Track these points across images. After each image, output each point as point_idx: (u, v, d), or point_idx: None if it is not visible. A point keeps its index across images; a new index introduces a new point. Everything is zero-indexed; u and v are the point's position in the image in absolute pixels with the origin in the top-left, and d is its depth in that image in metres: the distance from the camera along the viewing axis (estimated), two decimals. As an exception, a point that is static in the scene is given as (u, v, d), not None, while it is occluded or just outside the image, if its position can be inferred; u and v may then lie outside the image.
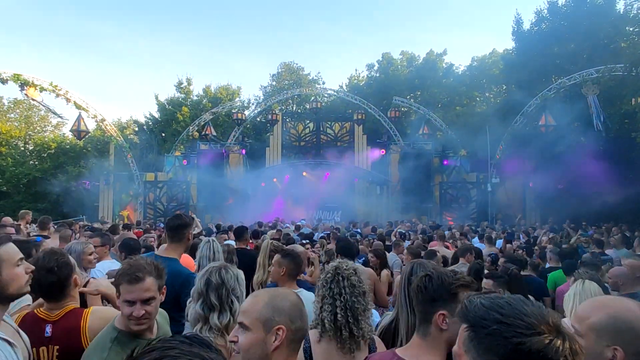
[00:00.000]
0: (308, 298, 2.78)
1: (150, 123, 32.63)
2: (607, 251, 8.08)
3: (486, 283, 3.72)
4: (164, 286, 2.08)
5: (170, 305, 2.91)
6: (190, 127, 25.60)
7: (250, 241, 7.17)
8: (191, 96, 33.93)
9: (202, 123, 25.38)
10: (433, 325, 1.65)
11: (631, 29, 18.00)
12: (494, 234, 11.52)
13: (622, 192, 16.33)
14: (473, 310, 0.99)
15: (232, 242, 6.65)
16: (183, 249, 3.18)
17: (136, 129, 34.55)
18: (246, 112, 27.51)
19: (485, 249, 8.17)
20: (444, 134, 24.49)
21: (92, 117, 21.27)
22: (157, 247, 5.42)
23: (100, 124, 22.01)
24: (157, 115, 32.48)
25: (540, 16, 23.41)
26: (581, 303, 2.78)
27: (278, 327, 1.40)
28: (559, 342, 0.89)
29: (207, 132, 23.81)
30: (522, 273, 5.63)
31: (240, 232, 5.68)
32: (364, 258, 6.36)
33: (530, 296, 2.61)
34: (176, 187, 22.34)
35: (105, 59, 76.43)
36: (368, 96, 26.47)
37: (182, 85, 33.67)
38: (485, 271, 4.67)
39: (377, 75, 32.18)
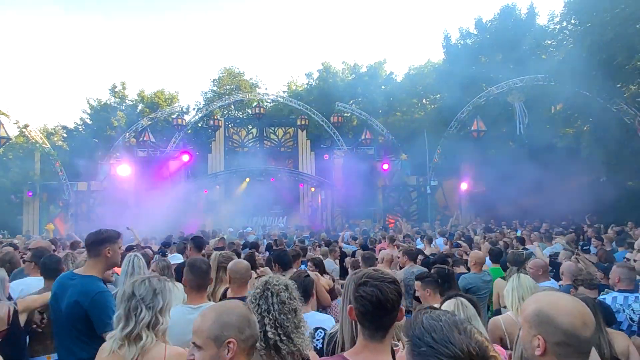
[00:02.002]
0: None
1: (82, 129, 30.60)
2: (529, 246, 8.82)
3: (415, 284, 3.91)
4: None
5: (80, 327, 2.69)
6: (127, 134, 24.32)
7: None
8: (126, 100, 32.28)
9: (140, 129, 24.21)
10: (393, 329, 1.74)
11: (549, 42, 19.74)
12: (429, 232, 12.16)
13: (543, 192, 17.79)
14: (413, 327, 1.10)
15: (179, 255, 6.37)
16: (103, 265, 2.96)
17: (65, 135, 32.21)
18: (186, 118, 26.65)
19: (426, 250, 8.57)
20: (385, 139, 25.28)
21: (13, 123, 19.59)
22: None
23: (24, 129, 20.31)
24: (89, 120, 30.54)
25: (464, 33, 25.35)
26: (519, 295, 3.01)
27: (229, 341, 1.51)
28: None
29: (145, 139, 22.73)
30: (461, 271, 5.99)
31: (198, 243, 5.38)
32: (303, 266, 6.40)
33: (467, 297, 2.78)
34: (112, 197, 21.05)
35: (28, 60, 70.75)
36: (309, 102, 26.69)
37: (116, 89, 31.94)
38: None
39: (317, 83, 32.56)
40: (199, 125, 29.11)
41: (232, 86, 33.83)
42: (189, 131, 27.06)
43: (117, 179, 21.41)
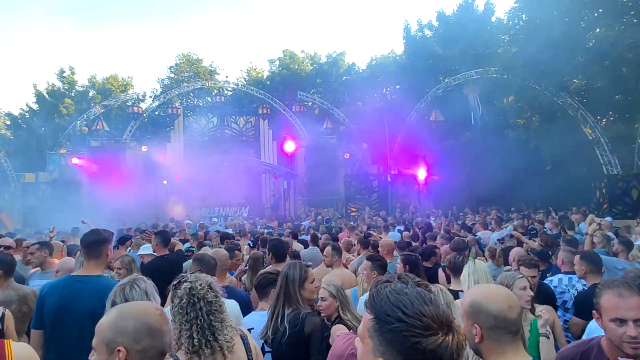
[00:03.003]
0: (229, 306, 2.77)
1: (28, 116, 28.79)
2: (480, 233, 9.33)
3: (365, 264, 4.12)
4: None
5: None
6: (78, 122, 23.14)
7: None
8: (76, 86, 30.65)
9: (92, 117, 23.12)
10: None
11: (503, 36, 20.58)
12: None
13: (498, 180, 18.74)
14: (379, 303, 1.06)
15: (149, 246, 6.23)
16: (103, 265, 2.97)
17: (8, 122, 30.20)
18: (143, 106, 25.71)
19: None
20: (347, 129, 25.55)
21: (-50, 110, 18.14)
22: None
23: (-38, 117, 18.88)
24: (35, 107, 28.76)
25: (422, 25, 26.00)
26: (475, 280, 3.22)
27: (118, 349, 1.38)
28: (449, 339, 1.00)
29: (98, 127, 21.76)
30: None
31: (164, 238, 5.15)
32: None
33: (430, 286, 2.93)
34: (64, 189, 20.04)
35: (-38, 40, 65.23)
36: (271, 91, 26.47)
37: (64, 74, 30.20)
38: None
39: (279, 70, 32.30)
40: (157, 113, 28.16)
41: (191, 73, 32.88)
42: (146, 119, 26.14)
43: (69, 169, 20.41)
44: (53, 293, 2.78)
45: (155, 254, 6.07)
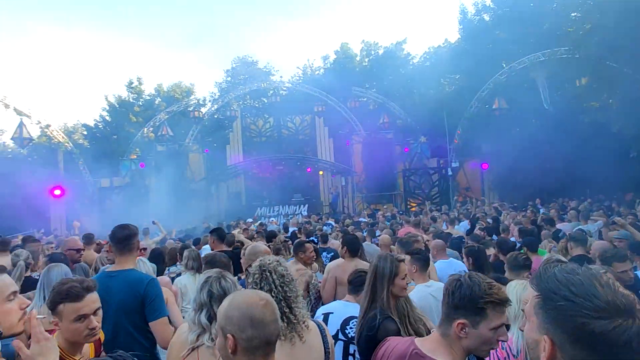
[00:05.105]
0: None
1: (101, 126, 31.09)
2: (559, 225, 8.56)
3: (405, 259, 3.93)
4: None
5: (137, 314, 2.77)
6: (145, 129, 24.58)
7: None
8: (143, 96, 32.60)
9: (157, 123, 24.45)
10: (452, 328, 1.65)
11: (574, 14, 18.94)
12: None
13: (570, 169, 17.26)
14: (545, 280, 1.01)
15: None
16: (134, 259, 3.08)
17: (85, 132, 32.81)
18: (203, 110, 26.76)
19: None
20: (403, 122, 24.89)
21: (35, 124, 19.97)
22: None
23: (46, 130, 20.69)
24: (107, 117, 30.99)
25: (479, 7, 24.44)
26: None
27: (227, 336, 1.47)
28: (627, 325, 0.88)
29: (163, 133, 22.98)
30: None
31: (220, 235, 5.52)
32: (332, 253, 6.41)
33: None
34: (134, 192, 21.39)
35: (46, 61, 71.93)
36: (326, 87, 26.38)
37: (132, 85, 32.24)
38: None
39: (334, 65, 32.21)
40: (216, 116, 29.19)
41: (247, 76, 33.77)
42: (206, 123, 27.21)
43: (139, 173, 21.77)
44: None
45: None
